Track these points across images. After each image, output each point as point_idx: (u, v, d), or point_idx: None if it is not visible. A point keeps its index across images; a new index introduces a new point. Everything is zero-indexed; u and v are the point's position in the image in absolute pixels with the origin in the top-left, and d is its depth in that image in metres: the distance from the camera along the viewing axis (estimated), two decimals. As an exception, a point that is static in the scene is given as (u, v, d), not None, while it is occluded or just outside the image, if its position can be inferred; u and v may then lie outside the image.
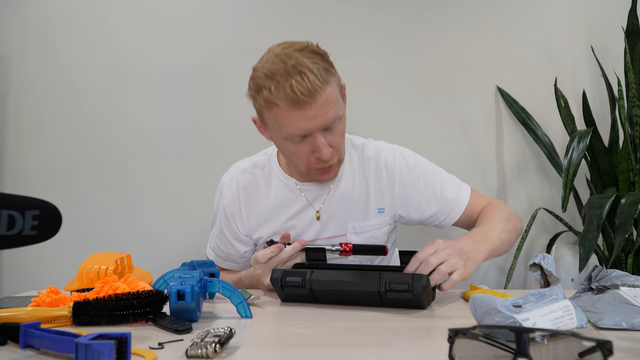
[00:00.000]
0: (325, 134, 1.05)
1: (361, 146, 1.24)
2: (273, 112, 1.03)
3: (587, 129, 1.59)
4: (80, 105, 1.80)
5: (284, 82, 0.98)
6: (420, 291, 0.88)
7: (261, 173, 1.24)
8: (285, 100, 0.99)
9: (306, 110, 1.00)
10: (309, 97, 0.98)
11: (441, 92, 1.84)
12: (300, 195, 1.21)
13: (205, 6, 1.82)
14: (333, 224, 1.20)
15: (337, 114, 1.05)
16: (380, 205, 1.21)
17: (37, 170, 1.79)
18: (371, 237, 1.21)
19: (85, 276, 1.03)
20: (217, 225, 1.28)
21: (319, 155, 1.06)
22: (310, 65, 0.99)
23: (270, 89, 1.00)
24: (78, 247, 1.73)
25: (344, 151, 1.15)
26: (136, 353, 0.65)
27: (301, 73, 0.98)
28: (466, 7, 1.84)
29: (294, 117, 1.01)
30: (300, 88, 0.97)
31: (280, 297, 0.98)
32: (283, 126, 1.04)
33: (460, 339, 0.60)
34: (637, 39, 1.67)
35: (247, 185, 1.23)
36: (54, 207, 0.72)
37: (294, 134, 1.04)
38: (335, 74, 1.07)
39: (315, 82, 0.98)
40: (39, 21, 1.79)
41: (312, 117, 1.01)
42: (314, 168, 1.11)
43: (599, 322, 0.77)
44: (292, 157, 1.12)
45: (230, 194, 1.23)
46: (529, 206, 1.83)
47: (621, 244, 1.38)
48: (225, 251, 1.28)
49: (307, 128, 1.02)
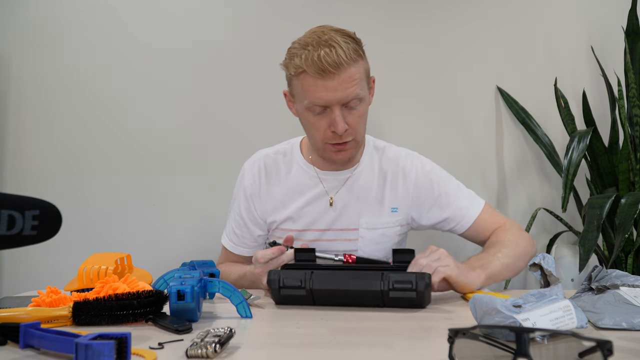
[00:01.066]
0: (344, 110, 1.12)
1: (382, 148, 1.30)
2: (300, 79, 1.11)
3: (587, 129, 1.59)
4: (80, 105, 1.80)
5: (314, 51, 1.07)
6: (424, 289, 0.89)
7: (283, 159, 1.29)
8: (312, 67, 1.07)
9: (329, 81, 1.08)
10: (334, 68, 1.06)
11: (441, 92, 1.84)
12: (318, 183, 1.25)
13: (206, 6, 1.82)
14: (346, 216, 1.24)
15: (358, 93, 1.11)
16: (394, 205, 1.25)
17: (37, 170, 1.79)
18: (382, 234, 1.24)
19: (85, 276, 1.03)
20: (236, 208, 1.31)
21: (334, 129, 1.12)
22: (341, 42, 1.08)
23: (301, 57, 1.09)
24: (78, 247, 1.73)
25: (362, 136, 1.21)
26: (136, 353, 0.65)
27: (331, 46, 1.07)
28: (466, 7, 1.84)
29: (317, 85, 1.09)
30: (328, 58, 1.06)
31: (275, 300, 0.96)
32: (307, 94, 1.11)
33: (460, 339, 0.60)
34: (637, 39, 1.67)
35: (269, 168, 1.28)
36: (54, 207, 0.72)
37: (315, 103, 1.11)
38: (365, 60, 1.15)
39: (342, 56, 1.07)
40: (39, 21, 1.79)
41: (334, 89, 1.08)
42: (329, 144, 1.16)
43: (599, 322, 0.77)
44: (310, 129, 1.18)
45: (252, 176, 1.28)
46: (529, 206, 1.83)
47: (621, 244, 1.38)
48: (239, 234, 1.30)
49: (327, 99, 1.10)
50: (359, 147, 1.22)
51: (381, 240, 1.24)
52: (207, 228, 1.31)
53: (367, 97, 1.17)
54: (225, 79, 1.81)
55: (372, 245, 1.24)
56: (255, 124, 1.77)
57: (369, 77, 1.19)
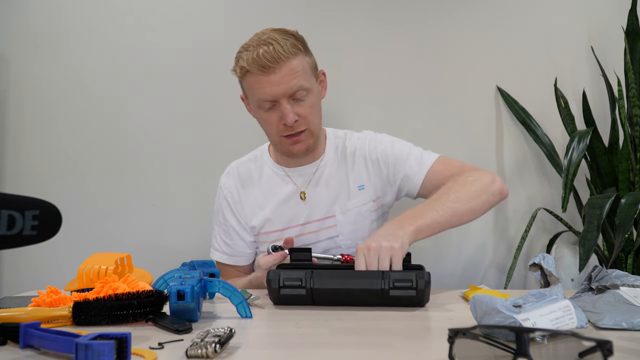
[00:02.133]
0: (292, 103, 1.17)
1: (342, 136, 1.36)
2: (247, 79, 1.18)
3: (587, 129, 1.59)
4: (80, 105, 1.80)
5: (254, 51, 1.14)
6: (424, 287, 0.89)
7: (254, 165, 1.35)
8: (254, 66, 1.14)
9: (272, 75, 1.14)
10: (273, 63, 1.13)
11: (441, 91, 1.83)
12: (288, 181, 1.30)
13: (206, 6, 1.82)
14: (320, 206, 1.29)
15: (302, 84, 1.17)
16: (360, 183, 1.30)
17: (37, 170, 1.79)
18: (357, 213, 1.28)
19: (85, 276, 1.03)
20: (221, 220, 1.34)
21: (284, 121, 1.18)
22: (279, 39, 1.15)
23: (244, 58, 1.16)
24: (78, 247, 1.73)
25: (316, 126, 1.25)
26: (136, 353, 0.65)
27: (269, 44, 1.14)
28: (466, 7, 1.84)
29: (261, 82, 1.15)
30: (267, 55, 1.12)
31: (273, 300, 0.95)
32: (254, 92, 1.18)
33: (460, 339, 0.60)
34: (637, 39, 1.67)
35: (242, 176, 1.34)
36: (54, 207, 0.72)
37: (262, 99, 1.17)
38: (307, 54, 1.21)
39: (281, 51, 1.13)
40: (40, 21, 1.79)
41: (277, 83, 1.14)
42: (284, 137, 1.22)
43: (599, 322, 0.77)
44: (265, 126, 1.25)
45: (229, 185, 1.34)
46: (529, 206, 1.83)
47: (621, 244, 1.37)
48: (230, 244, 1.32)
49: (273, 93, 1.15)
50: (314, 138, 1.26)
51: (357, 219, 1.28)
52: (207, 228, 1.31)
53: (314, 89, 1.22)
54: (226, 79, 1.80)
55: (350, 226, 1.28)
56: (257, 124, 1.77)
57: (316, 70, 1.24)
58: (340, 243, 1.28)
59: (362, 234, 1.28)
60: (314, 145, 1.28)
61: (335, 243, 1.29)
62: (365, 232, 1.28)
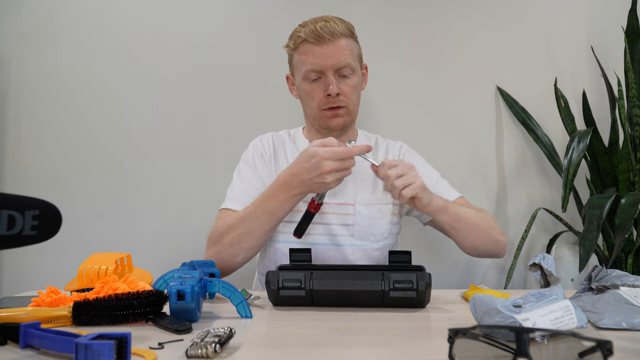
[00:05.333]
0: (337, 78, 1.25)
1: (374, 137, 1.44)
2: (299, 49, 1.27)
3: (587, 129, 1.59)
4: (80, 105, 1.80)
5: (312, 24, 1.25)
6: (424, 289, 0.89)
7: (288, 137, 1.41)
8: (310, 35, 1.23)
9: (324, 47, 1.23)
10: (329, 35, 1.22)
11: (441, 92, 1.83)
12: None
13: (205, 6, 1.82)
14: (343, 193, 1.30)
15: (350, 63, 1.25)
16: None
17: (37, 170, 1.79)
18: (378, 210, 1.30)
19: (85, 276, 1.03)
20: (246, 169, 1.34)
21: (329, 92, 1.24)
22: (336, 20, 1.26)
23: (300, 31, 1.26)
24: (78, 247, 1.73)
25: (354, 106, 1.31)
26: (136, 353, 0.65)
27: (327, 21, 1.25)
28: (466, 6, 1.84)
29: (314, 52, 1.24)
30: (324, 27, 1.23)
31: (272, 301, 0.95)
32: (304, 62, 1.26)
33: (460, 339, 0.60)
34: (637, 39, 1.67)
35: (276, 142, 1.39)
36: (54, 207, 0.72)
37: (311, 70, 1.25)
38: (357, 42, 1.31)
39: (336, 28, 1.24)
40: (39, 21, 1.79)
41: (328, 56, 1.23)
42: (324, 110, 1.28)
43: (599, 322, 0.77)
44: (307, 99, 1.30)
45: (266, 144, 1.38)
46: (529, 206, 1.83)
47: (621, 244, 1.37)
48: (250, 194, 1.25)
49: (323, 64, 1.24)
50: (352, 118, 1.32)
51: (377, 215, 1.30)
52: (207, 228, 1.31)
53: (358, 72, 1.30)
54: (225, 79, 1.81)
55: (367, 220, 1.29)
56: (257, 124, 1.77)
57: (361, 60, 1.33)
58: (354, 232, 1.28)
59: (377, 230, 1.29)
60: (350, 125, 1.34)
61: (349, 231, 1.28)
62: (379, 230, 1.29)
